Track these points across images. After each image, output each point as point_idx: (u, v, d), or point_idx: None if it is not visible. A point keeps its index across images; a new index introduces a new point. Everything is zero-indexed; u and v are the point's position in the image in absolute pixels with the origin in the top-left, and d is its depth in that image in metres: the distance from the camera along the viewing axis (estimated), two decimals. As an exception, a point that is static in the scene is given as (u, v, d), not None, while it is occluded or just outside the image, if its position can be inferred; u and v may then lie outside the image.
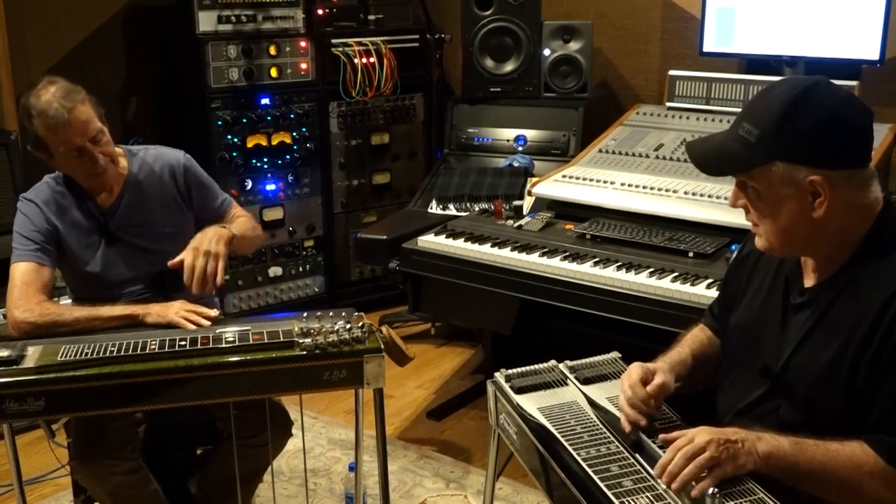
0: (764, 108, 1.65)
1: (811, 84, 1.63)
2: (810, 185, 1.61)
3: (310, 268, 4.50)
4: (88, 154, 2.39)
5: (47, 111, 2.33)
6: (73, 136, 2.36)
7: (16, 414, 2.06)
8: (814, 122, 1.60)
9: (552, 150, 3.99)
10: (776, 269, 1.81)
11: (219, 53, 4.04)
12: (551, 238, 3.00)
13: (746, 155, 1.64)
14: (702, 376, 1.93)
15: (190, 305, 2.34)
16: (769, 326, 1.77)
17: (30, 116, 2.35)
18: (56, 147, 2.37)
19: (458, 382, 3.92)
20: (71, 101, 2.35)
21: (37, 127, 2.35)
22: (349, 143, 4.51)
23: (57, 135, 2.35)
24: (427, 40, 4.37)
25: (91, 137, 2.39)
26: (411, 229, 3.33)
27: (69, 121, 2.34)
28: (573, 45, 4.03)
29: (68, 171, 2.47)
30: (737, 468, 1.57)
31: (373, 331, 2.25)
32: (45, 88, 2.37)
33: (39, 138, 2.36)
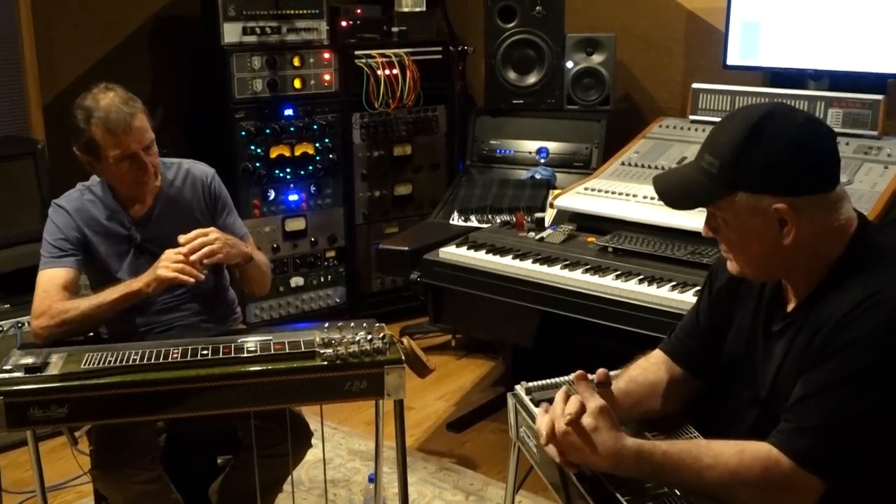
0: (722, 138, 1.64)
1: (767, 112, 1.61)
2: (776, 213, 1.59)
3: (331, 278, 4.51)
4: (140, 162, 2.43)
5: (109, 114, 2.37)
6: (131, 141, 2.40)
7: (39, 421, 2.08)
8: (772, 151, 1.58)
9: (574, 162, 3.99)
10: (758, 295, 1.80)
11: (243, 64, 4.07)
12: (573, 251, 3.00)
13: (709, 187, 1.63)
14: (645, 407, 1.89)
15: (173, 253, 2.33)
16: (754, 356, 1.76)
17: (88, 118, 2.38)
18: (110, 151, 2.39)
19: (479, 394, 3.91)
20: (131, 108, 2.40)
21: (94, 130, 2.38)
22: (371, 155, 4.53)
23: (115, 138, 2.38)
24: (450, 52, 4.38)
25: (145, 146, 2.43)
26: (433, 241, 3.33)
27: (130, 126, 2.38)
28: (596, 58, 4.03)
29: (113, 178, 2.49)
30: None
31: (394, 342, 2.26)
32: (103, 93, 2.41)
33: (93, 141, 2.39)
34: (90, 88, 2.45)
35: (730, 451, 1.58)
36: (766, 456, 1.56)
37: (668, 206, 1.73)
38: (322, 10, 4.26)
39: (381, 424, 2.48)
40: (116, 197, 2.55)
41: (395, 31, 4.50)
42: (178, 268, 2.31)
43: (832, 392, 1.54)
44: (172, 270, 2.31)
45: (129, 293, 2.36)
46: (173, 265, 2.31)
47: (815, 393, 1.56)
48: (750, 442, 1.60)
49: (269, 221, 4.27)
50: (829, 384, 1.55)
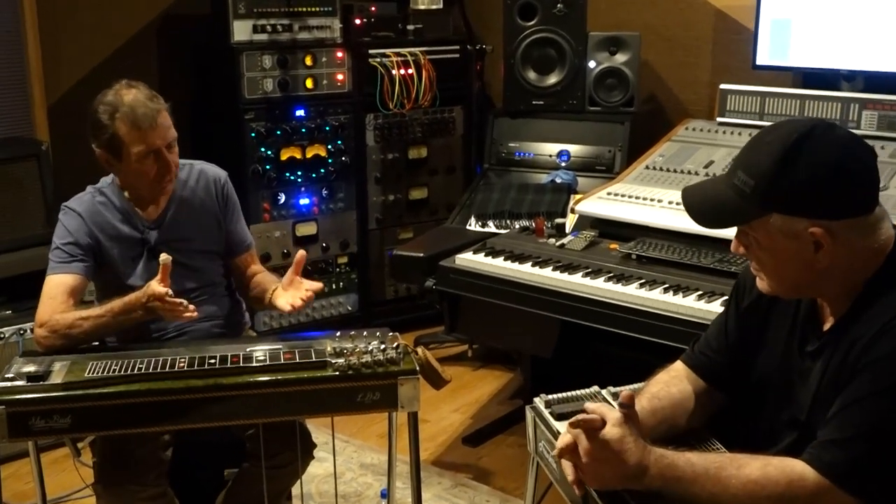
0: (758, 156, 1.62)
1: (806, 131, 1.59)
2: (811, 237, 1.59)
3: (343, 285, 4.52)
4: (163, 159, 2.46)
5: (136, 110, 2.40)
6: (156, 138, 2.43)
7: (41, 431, 2.09)
8: (810, 174, 1.57)
9: (596, 166, 3.98)
10: (793, 314, 1.79)
11: (253, 63, 4.09)
12: (595, 258, 2.99)
13: (741, 206, 1.63)
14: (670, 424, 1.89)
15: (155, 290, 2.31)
16: (791, 376, 1.76)
17: (112, 114, 2.41)
18: (134, 147, 2.42)
19: (496, 407, 3.90)
20: (157, 104, 2.45)
21: (118, 125, 2.41)
22: (385, 157, 4.54)
23: (141, 134, 2.41)
24: (467, 51, 4.39)
25: (168, 143, 2.47)
26: (449, 247, 3.33)
27: (156, 122, 2.42)
28: (620, 57, 4.02)
29: (133, 177, 2.51)
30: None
31: (408, 352, 2.26)
32: (126, 89, 2.44)
33: (117, 137, 2.42)
34: (110, 85, 2.48)
35: (756, 463, 1.58)
36: (791, 469, 1.56)
37: (698, 224, 1.73)
38: (335, 8, 4.28)
39: (394, 437, 2.48)
40: (129, 199, 2.57)
41: (410, 29, 4.51)
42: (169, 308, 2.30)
43: (863, 405, 1.54)
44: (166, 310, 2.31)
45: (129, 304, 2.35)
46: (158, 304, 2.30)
47: (846, 406, 1.56)
48: (779, 457, 1.59)
49: (280, 226, 4.29)
50: (859, 397, 1.54)
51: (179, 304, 2.28)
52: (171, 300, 2.27)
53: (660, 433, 1.80)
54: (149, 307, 2.31)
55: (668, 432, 1.83)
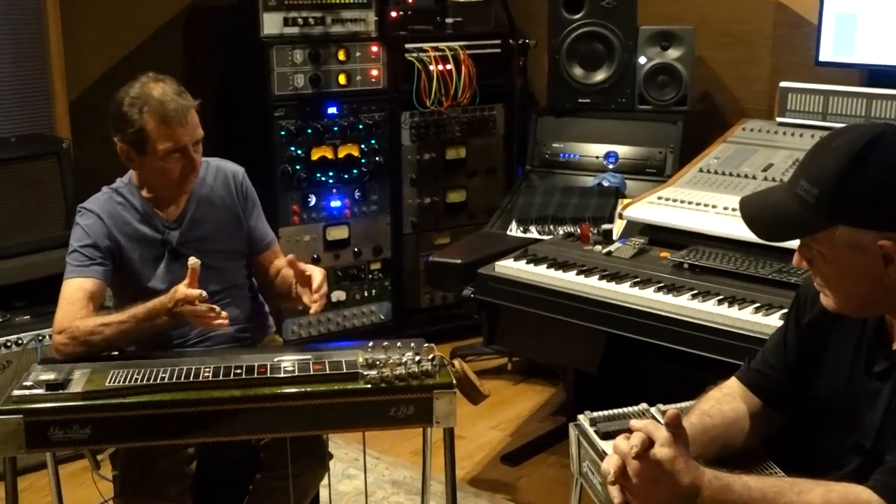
0: (823, 164, 1.61)
1: (875, 136, 1.57)
2: (880, 250, 1.57)
3: (376, 293, 4.54)
4: (189, 157, 2.50)
5: (166, 105, 2.44)
6: (184, 134, 2.47)
7: (60, 442, 2.12)
8: (879, 182, 1.55)
9: (647, 168, 3.97)
10: (858, 331, 1.77)
11: (284, 58, 4.13)
12: (644, 266, 2.98)
13: (805, 217, 1.61)
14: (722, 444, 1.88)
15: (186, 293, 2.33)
16: (857, 398, 1.74)
17: (140, 108, 2.44)
18: (160, 143, 2.46)
19: (537, 424, 3.90)
20: (186, 100, 2.49)
21: (145, 119, 2.44)
22: (422, 158, 4.55)
23: (169, 130, 2.45)
24: (510, 46, 4.39)
25: (195, 141, 2.51)
26: (488, 253, 3.34)
27: (186, 118, 2.47)
28: (672, 53, 4.01)
29: (156, 174, 2.54)
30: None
31: (444, 364, 2.27)
32: (154, 83, 2.49)
33: (143, 132, 2.45)
34: (136, 77, 2.52)
35: (818, 489, 1.57)
36: (856, 497, 1.55)
37: (757, 237, 1.72)
38: (370, 0, 4.30)
39: (428, 455, 2.48)
40: (147, 199, 2.61)
41: (449, 22, 4.53)
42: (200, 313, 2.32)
43: None
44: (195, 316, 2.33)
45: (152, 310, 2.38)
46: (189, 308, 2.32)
47: None
48: (842, 483, 1.58)
49: (309, 230, 4.31)
50: None
51: (210, 309, 2.31)
52: (202, 305, 2.30)
53: (712, 453, 1.79)
54: (175, 312, 2.33)
55: (721, 453, 1.82)
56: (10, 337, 3.44)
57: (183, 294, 2.31)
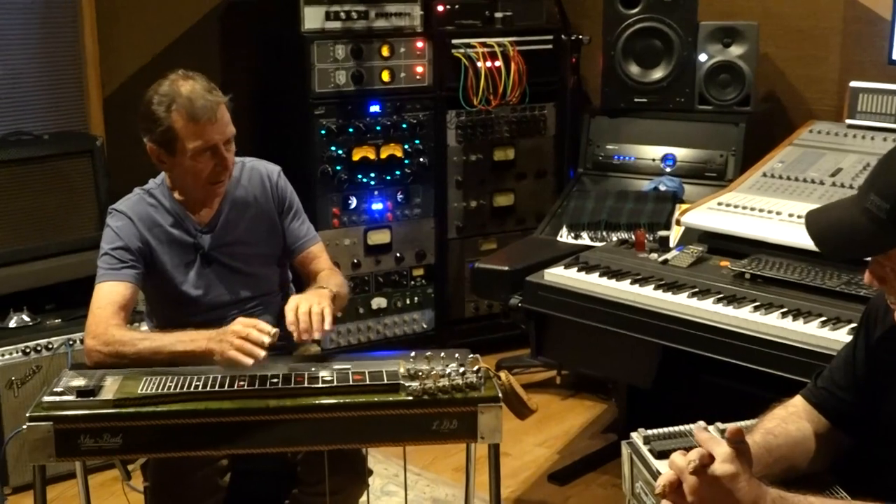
0: (893, 176, 1.59)
1: None
2: None
3: (418, 300, 4.55)
4: (220, 156, 2.53)
5: (194, 102, 2.47)
6: (214, 132, 2.50)
7: (90, 451, 2.16)
8: None
9: (706, 172, 3.94)
10: None
11: (325, 54, 4.16)
12: (703, 276, 2.96)
13: (875, 234, 1.59)
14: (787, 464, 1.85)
15: (246, 324, 2.33)
16: None
17: (168, 106, 2.48)
18: (190, 142, 2.48)
19: (587, 442, 3.89)
20: (216, 97, 2.51)
21: (174, 118, 2.47)
22: (468, 159, 4.56)
23: (198, 128, 2.47)
24: (562, 42, 4.39)
25: (226, 139, 2.54)
26: (537, 260, 3.34)
27: (215, 116, 2.49)
28: (734, 50, 3.98)
29: (186, 175, 2.57)
30: None
31: (490, 376, 2.27)
32: (183, 80, 2.51)
33: (172, 130, 2.48)
34: (165, 75, 2.55)
35: None
36: None
37: (825, 256, 1.70)
38: (416, -7, 4.33)
39: (472, 472, 2.48)
40: (179, 201, 2.64)
41: (498, 17, 4.54)
42: (240, 345, 2.29)
43: None
44: (236, 349, 2.29)
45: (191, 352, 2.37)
46: (237, 341, 2.30)
47: None
48: None
49: (349, 233, 4.34)
50: None
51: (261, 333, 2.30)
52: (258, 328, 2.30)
53: (776, 474, 1.78)
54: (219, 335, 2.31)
55: (785, 474, 1.80)
56: (40, 341, 3.50)
57: (242, 321, 2.32)
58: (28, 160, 3.67)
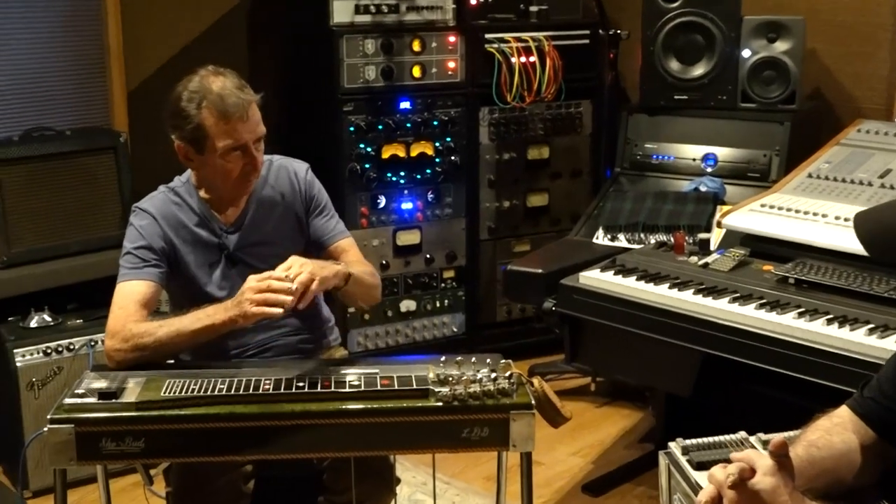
0: None
1: None
2: None
3: (448, 303, 4.56)
4: (250, 155, 2.55)
5: (226, 99, 2.49)
6: (245, 131, 2.52)
7: (112, 455, 2.18)
8: None
9: (749, 172, 3.92)
10: None
11: (354, 48, 4.17)
12: (745, 281, 2.95)
13: None
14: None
15: (256, 282, 2.34)
16: None
17: (199, 103, 2.50)
18: (220, 140, 2.50)
19: (622, 451, 3.88)
20: (248, 95, 2.54)
21: (204, 115, 2.49)
22: (501, 157, 4.56)
23: (229, 126, 2.50)
24: (599, 37, 4.39)
25: (256, 138, 2.56)
26: (572, 263, 3.33)
27: (247, 114, 2.51)
28: (780, 46, 3.95)
29: (215, 174, 2.59)
30: None
31: (522, 382, 2.27)
32: (213, 76, 2.54)
33: (202, 128, 2.50)
34: (195, 71, 2.57)
35: None
36: None
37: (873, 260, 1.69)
38: (448, -14, 4.34)
39: (503, 481, 2.48)
40: (205, 200, 2.66)
41: (533, 10, 4.54)
42: (262, 298, 2.32)
43: None
44: (258, 304, 2.32)
45: (211, 326, 2.41)
46: (258, 296, 2.32)
47: None
48: None
49: (378, 233, 4.35)
50: None
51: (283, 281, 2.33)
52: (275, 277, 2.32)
53: (819, 488, 1.77)
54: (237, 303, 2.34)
55: (830, 489, 1.79)
56: (61, 342, 3.54)
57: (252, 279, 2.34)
58: (50, 156, 3.71)
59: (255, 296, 2.32)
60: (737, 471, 1.58)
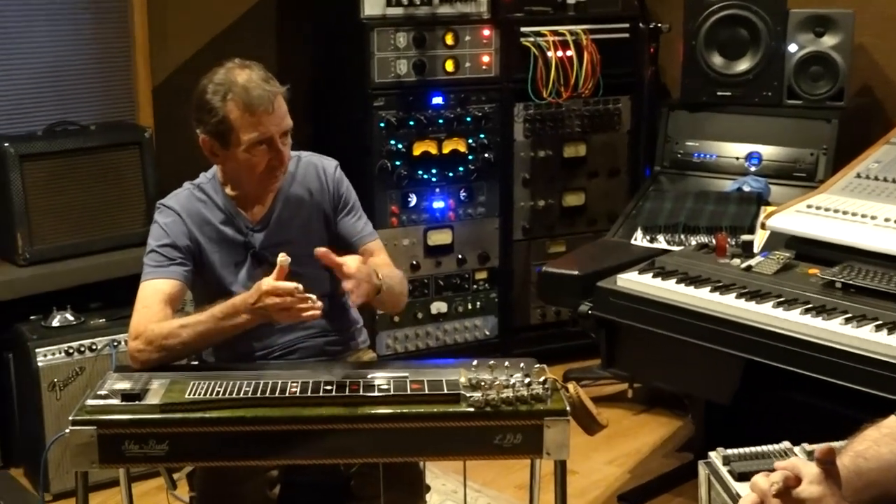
0: None
1: None
2: None
3: (480, 305, 4.56)
4: (276, 149, 2.56)
5: (251, 92, 2.50)
6: (270, 123, 2.53)
7: (135, 458, 2.19)
8: None
9: (795, 172, 3.90)
10: None
11: (385, 42, 4.18)
12: (789, 285, 2.93)
13: None
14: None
15: (270, 292, 2.36)
16: None
17: (224, 95, 2.51)
18: (245, 134, 2.52)
19: (660, 461, 3.87)
20: (274, 87, 2.55)
21: (229, 108, 2.51)
22: (536, 155, 4.56)
23: (255, 119, 2.51)
24: (639, 30, 4.37)
25: (282, 132, 2.57)
26: (609, 264, 3.33)
27: (273, 106, 2.52)
28: (827, 40, 3.93)
29: (240, 169, 2.60)
30: None
31: (557, 388, 2.27)
32: (239, 69, 2.55)
33: (227, 121, 2.52)
34: (221, 63, 2.59)
35: None
36: None
37: None
38: (483, -22, 4.34)
39: (536, 490, 2.48)
40: (231, 197, 2.67)
41: (570, 3, 4.53)
42: (288, 306, 2.36)
43: None
44: (287, 311, 2.36)
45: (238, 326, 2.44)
46: (284, 304, 2.36)
47: None
48: None
49: (409, 233, 4.36)
50: None
51: (303, 300, 2.34)
52: (293, 297, 2.33)
53: (865, 501, 1.75)
54: (258, 308, 2.37)
55: (877, 501, 1.78)
56: (83, 342, 3.57)
57: (270, 286, 2.34)
58: (74, 151, 3.75)
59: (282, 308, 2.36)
60: (781, 479, 1.57)
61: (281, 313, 2.38)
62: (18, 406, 3.68)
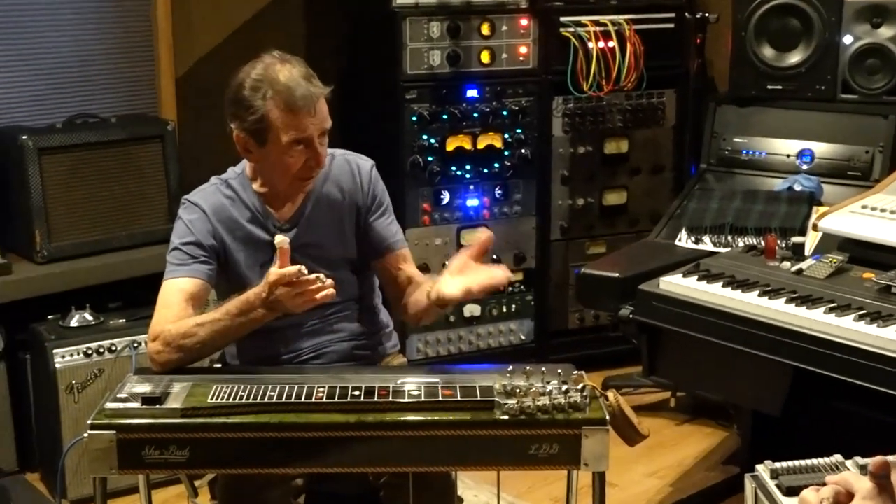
0: None
1: None
2: None
3: (516, 309, 4.57)
4: (314, 150, 2.57)
5: (294, 91, 2.51)
6: (311, 123, 2.54)
7: (155, 464, 2.21)
8: None
9: (849, 170, 3.87)
10: None
11: (418, 32, 4.19)
12: (843, 289, 2.92)
13: None
14: None
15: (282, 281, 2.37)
16: None
17: (264, 93, 2.52)
18: (284, 132, 2.52)
19: (704, 474, 3.86)
20: (317, 87, 2.56)
21: (269, 106, 2.51)
22: (576, 151, 4.56)
23: (296, 119, 2.52)
24: (685, 20, 4.36)
25: (322, 132, 2.58)
26: (652, 267, 3.32)
27: (315, 107, 2.54)
28: (885, 31, 3.90)
29: (275, 168, 2.61)
30: None
31: (596, 396, 2.27)
32: (280, 65, 2.56)
33: (266, 120, 2.52)
34: (259, 56, 2.59)
35: None
36: None
37: None
38: (520, -35, 4.35)
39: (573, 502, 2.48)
40: (260, 194, 2.68)
41: (613, -9, 4.53)
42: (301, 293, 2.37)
43: None
44: (300, 301, 2.38)
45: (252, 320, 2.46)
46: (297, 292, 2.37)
47: None
48: None
49: (441, 232, 4.37)
50: None
51: (311, 281, 2.35)
52: (300, 279, 2.34)
53: None
54: (272, 301, 2.39)
55: None
56: (103, 342, 3.60)
57: (276, 275, 2.35)
58: (94, 145, 3.79)
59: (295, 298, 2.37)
60: (832, 494, 1.56)
61: (294, 300, 2.38)
62: (35, 409, 3.72)
